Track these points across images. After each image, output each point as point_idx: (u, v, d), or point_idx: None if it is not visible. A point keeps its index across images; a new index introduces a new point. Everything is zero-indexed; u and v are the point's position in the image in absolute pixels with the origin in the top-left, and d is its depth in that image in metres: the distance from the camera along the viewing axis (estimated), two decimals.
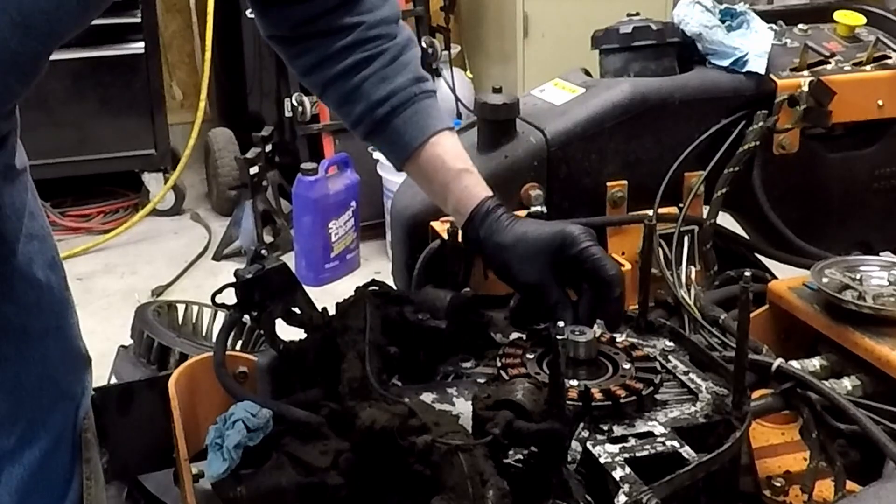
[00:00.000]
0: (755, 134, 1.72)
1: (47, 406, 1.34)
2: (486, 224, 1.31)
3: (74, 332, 1.41)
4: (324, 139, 4.42)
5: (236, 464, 1.15)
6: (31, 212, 1.33)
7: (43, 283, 1.33)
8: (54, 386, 1.35)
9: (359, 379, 1.17)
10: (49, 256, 1.35)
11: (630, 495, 0.97)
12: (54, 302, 1.36)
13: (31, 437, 1.29)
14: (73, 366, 1.41)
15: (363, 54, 1.34)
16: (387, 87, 1.34)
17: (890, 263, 1.47)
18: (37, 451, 1.30)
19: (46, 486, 1.31)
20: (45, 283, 1.34)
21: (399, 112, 1.34)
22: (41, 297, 1.33)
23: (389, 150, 1.39)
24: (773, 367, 1.28)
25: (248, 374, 1.35)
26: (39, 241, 1.33)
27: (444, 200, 1.37)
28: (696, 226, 1.73)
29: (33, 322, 1.32)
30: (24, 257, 1.30)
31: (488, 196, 1.33)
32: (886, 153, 1.89)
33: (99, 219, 4.55)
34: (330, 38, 1.35)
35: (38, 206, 1.37)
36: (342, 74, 1.36)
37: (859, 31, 1.92)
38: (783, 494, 1.29)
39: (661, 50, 1.78)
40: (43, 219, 1.37)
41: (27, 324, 1.31)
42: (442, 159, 1.35)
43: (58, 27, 1.04)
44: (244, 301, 1.28)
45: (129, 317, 2.43)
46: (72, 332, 1.40)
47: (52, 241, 1.38)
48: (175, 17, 5.31)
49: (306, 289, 1.36)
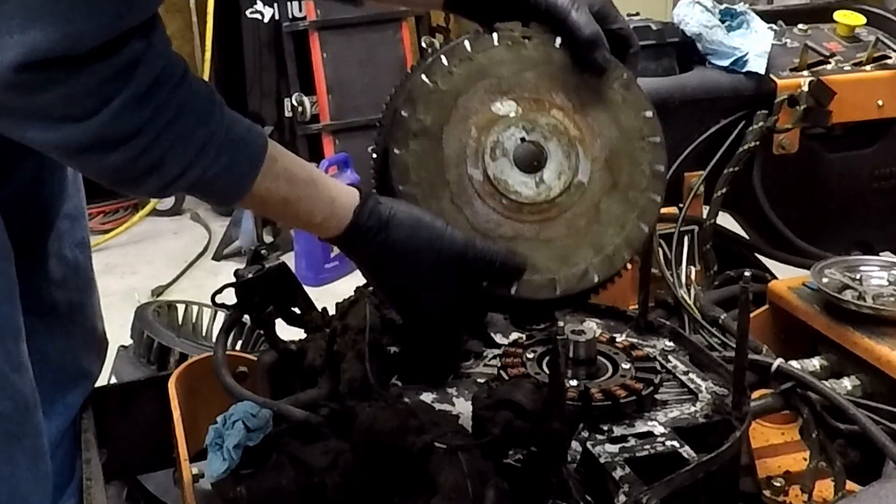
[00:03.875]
0: (755, 134, 1.72)
1: (67, 383, 1.38)
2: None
3: (96, 311, 1.47)
4: (324, 139, 4.43)
5: (236, 464, 1.15)
6: (69, 192, 1.38)
7: (70, 260, 1.39)
8: (75, 362, 1.40)
9: (359, 379, 1.17)
10: (80, 236, 1.42)
11: (630, 495, 0.97)
12: (80, 280, 1.42)
13: (50, 413, 1.31)
14: (93, 345, 1.47)
15: None
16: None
17: (890, 263, 1.47)
18: (54, 427, 1.34)
19: (55, 468, 1.32)
20: (73, 261, 1.40)
21: None
22: (68, 275, 1.39)
23: None
24: (773, 367, 1.28)
25: (248, 374, 1.35)
26: (71, 221, 1.39)
27: None
28: (696, 226, 1.73)
29: (60, 298, 1.37)
30: (55, 235, 1.36)
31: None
32: (886, 153, 1.89)
33: (99, 219, 4.54)
34: None
35: (78, 187, 1.41)
36: None
37: (859, 31, 1.92)
38: (783, 494, 1.29)
39: (661, 50, 1.78)
40: (79, 199, 1.42)
41: (56, 299, 1.36)
42: None
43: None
44: (244, 301, 1.29)
45: (129, 317, 2.43)
46: (93, 311, 1.46)
47: (84, 222, 1.43)
48: (175, 17, 5.30)
49: (306, 289, 1.36)
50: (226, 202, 1.05)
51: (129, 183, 0.96)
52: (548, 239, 1.11)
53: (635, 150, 1.16)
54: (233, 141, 0.99)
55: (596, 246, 1.12)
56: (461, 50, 1.13)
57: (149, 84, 0.91)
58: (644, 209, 1.15)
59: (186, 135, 0.94)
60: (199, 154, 0.95)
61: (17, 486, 1.16)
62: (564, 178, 1.12)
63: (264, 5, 4.43)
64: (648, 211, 1.15)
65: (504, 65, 1.14)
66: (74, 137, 0.90)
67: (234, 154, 0.98)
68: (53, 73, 0.87)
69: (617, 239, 1.13)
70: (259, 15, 4.46)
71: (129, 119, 0.90)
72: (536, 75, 1.14)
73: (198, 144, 0.95)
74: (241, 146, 1.00)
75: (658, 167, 1.16)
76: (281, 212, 1.06)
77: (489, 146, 1.12)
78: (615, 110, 1.16)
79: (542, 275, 1.10)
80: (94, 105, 0.89)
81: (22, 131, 0.91)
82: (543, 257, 1.10)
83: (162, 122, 0.92)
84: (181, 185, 0.96)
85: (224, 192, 1.01)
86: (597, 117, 1.15)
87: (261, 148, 1.01)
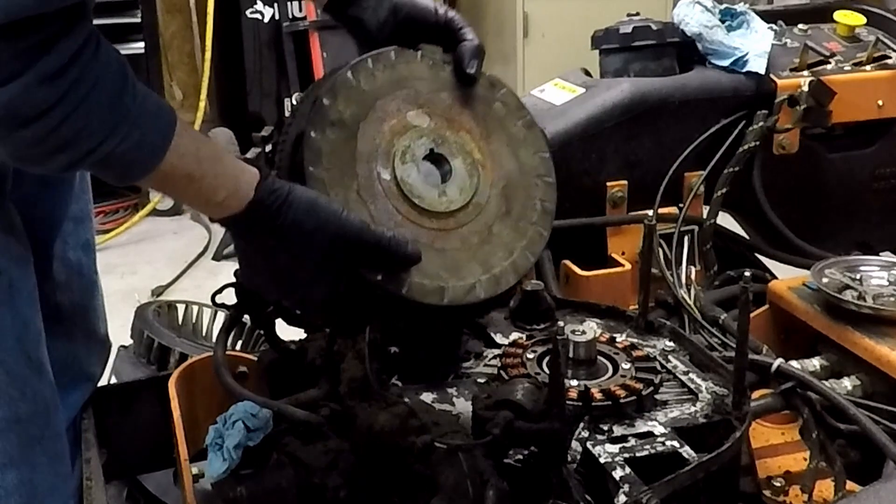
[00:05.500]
0: (755, 134, 1.72)
1: (68, 384, 1.38)
2: None
3: (98, 314, 1.48)
4: None
5: (236, 464, 1.15)
6: (76, 194, 1.38)
7: (74, 263, 1.40)
8: (77, 364, 1.40)
9: (359, 379, 1.17)
10: (84, 238, 1.42)
11: (630, 495, 0.97)
12: (83, 283, 1.43)
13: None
14: (95, 347, 1.47)
15: None
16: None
17: (890, 263, 1.47)
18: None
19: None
20: (76, 263, 1.40)
21: None
22: (71, 277, 1.39)
23: None
24: (773, 367, 1.28)
25: (248, 374, 1.35)
26: (76, 223, 1.39)
27: None
28: (696, 226, 1.73)
29: (63, 301, 1.38)
30: (61, 238, 1.36)
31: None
32: (886, 153, 1.89)
33: (99, 219, 4.54)
34: None
35: (84, 188, 1.41)
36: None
37: (859, 31, 1.92)
38: (783, 494, 1.29)
39: (661, 50, 1.78)
40: (85, 201, 1.43)
41: (59, 302, 1.37)
42: None
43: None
44: (244, 301, 1.28)
45: (129, 317, 2.43)
46: (96, 314, 1.47)
47: (89, 224, 1.44)
48: (175, 17, 5.31)
49: None
50: (129, 178, 0.99)
51: (34, 160, 0.92)
52: (442, 249, 1.14)
53: (530, 186, 1.23)
54: (144, 116, 0.95)
55: (485, 265, 1.16)
56: (386, 57, 1.19)
57: (63, 62, 0.87)
58: (532, 240, 1.20)
59: (99, 111, 0.91)
60: (112, 130, 0.92)
61: (37, 488, 1.16)
62: (465, 195, 1.17)
63: (264, 5, 4.43)
64: (535, 243, 1.21)
65: (423, 81, 1.20)
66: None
67: (145, 129, 0.95)
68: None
69: (505, 262, 1.17)
70: (259, 15, 4.46)
71: (40, 95, 0.87)
72: (451, 97, 1.21)
73: (112, 120, 0.92)
74: (153, 120, 0.96)
75: (548, 205, 1.23)
76: (182, 189, 1.02)
77: (400, 149, 1.15)
78: (516, 145, 1.24)
79: (433, 281, 1.11)
80: (4, 77, 0.85)
81: None
82: (435, 265, 1.12)
83: (77, 98, 0.88)
84: (89, 162, 0.93)
85: (131, 167, 0.97)
86: (499, 148, 1.22)
87: (171, 123, 0.98)
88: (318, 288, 1.07)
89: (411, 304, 1.10)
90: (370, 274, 1.08)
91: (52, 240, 1.35)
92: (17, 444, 1.14)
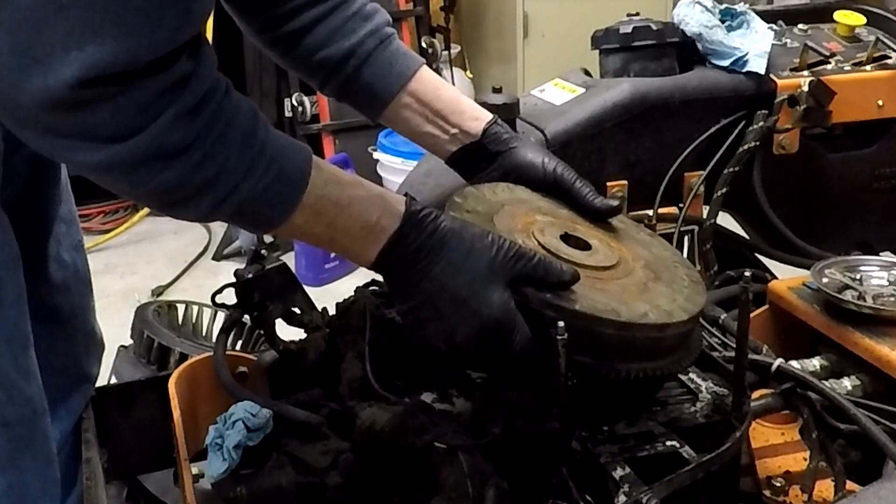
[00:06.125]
0: (755, 134, 1.72)
1: (70, 387, 1.39)
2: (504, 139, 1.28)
3: (92, 314, 1.48)
4: (324, 139, 4.43)
5: (236, 464, 1.15)
6: (64, 195, 1.39)
7: (69, 264, 1.39)
8: (77, 366, 1.41)
9: (359, 379, 1.17)
10: (76, 240, 1.42)
11: (630, 495, 0.97)
12: (79, 284, 1.42)
13: (54, 419, 1.31)
14: (93, 347, 1.48)
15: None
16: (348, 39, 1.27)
17: (890, 263, 1.47)
18: (57, 432, 1.34)
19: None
20: (72, 264, 1.40)
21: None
22: (68, 279, 1.39)
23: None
24: (773, 367, 1.28)
25: (248, 374, 1.35)
26: (67, 224, 1.39)
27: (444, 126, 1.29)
28: (696, 226, 1.73)
29: (62, 302, 1.38)
30: (54, 239, 1.36)
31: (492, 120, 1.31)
32: (886, 153, 1.89)
33: (99, 219, 4.54)
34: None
35: (69, 191, 1.42)
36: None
37: (859, 31, 1.92)
38: (783, 494, 1.29)
39: (661, 50, 1.78)
40: (71, 203, 1.43)
41: (58, 304, 1.37)
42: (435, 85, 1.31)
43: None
44: (244, 301, 1.29)
45: (129, 317, 2.43)
46: (91, 314, 1.47)
47: (77, 226, 1.44)
48: None
49: (306, 289, 1.36)
50: (274, 220, 0.97)
51: (182, 202, 0.92)
52: (603, 289, 1.08)
53: (670, 267, 1.20)
54: (279, 151, 0.96)
55: (651, 303, 1.09)
56: (505, 183, 1.25)
57: (199, 98, 0.89)
58: (692, 292, 1.15)
59: (237, 147, 0.92)
60: (251, 165, 0.93)
61: (27, 492, 1.16)
62: (610, 260, 1.14)
63: None
64: (698, 294, 1.15)
65: (542, 200, 1.24)
66: (124, 154, 0.87)
67: (283, 162, 0.95)
68: (107, 89, 0.84)
69: (672, 304, 1.10)
70: None
71: (180, 132, 0.88)
72: (571, 213, 1.24)
73: (249, 156, 0.93)
74: (289, 155, 0.97)
75: (696, 276, 1.21)
76: (332, 219, 0.99)
77: (537, 228, 1.15)
78: (646, 244, 1.25)
79: (604, 304, 1.04)
80: (144, 120, 0.86)
81: (71, 152, 0.88)
82: (602, 298, 1.06)
83: (213, 135, 0.90)
84: (234, 201, 0.93)
85: (276, 204, 0.96)
86: (631, 245, 1.23)
87: (307, 155, 0.98)
88: (488, 309, 1.00)
89: (587, 321, 1.02)
90: (535, 294, 1.02)
91: (45, 241, 1.35)
92: (5, 448, 1.13)
